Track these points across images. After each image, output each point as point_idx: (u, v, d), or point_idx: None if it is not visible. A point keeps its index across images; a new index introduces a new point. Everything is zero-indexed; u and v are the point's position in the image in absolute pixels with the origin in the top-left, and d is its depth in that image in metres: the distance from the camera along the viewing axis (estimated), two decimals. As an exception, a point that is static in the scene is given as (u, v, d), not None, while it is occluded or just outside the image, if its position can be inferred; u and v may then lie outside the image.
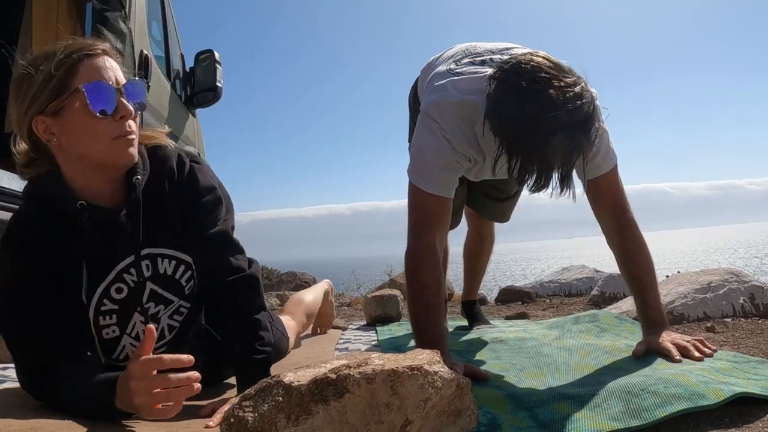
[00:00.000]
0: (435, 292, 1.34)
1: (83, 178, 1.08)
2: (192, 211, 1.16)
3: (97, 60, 1.05)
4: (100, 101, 1.02)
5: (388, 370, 0.71)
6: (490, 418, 1.01)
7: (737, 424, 0.95)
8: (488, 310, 3.17)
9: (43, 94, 1.02)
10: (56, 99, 1.01)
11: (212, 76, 3.12)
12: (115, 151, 1.05)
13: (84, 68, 1.03)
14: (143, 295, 1.15)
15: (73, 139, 1.04)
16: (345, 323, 2.72)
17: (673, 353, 1.31)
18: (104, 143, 1.04)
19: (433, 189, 1.37)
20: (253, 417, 0.70)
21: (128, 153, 1.06)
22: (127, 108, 1.05)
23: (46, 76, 1.01)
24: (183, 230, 1.16)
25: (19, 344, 1.08)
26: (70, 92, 1.01)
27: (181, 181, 1.16)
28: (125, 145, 1.05)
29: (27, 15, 2.39)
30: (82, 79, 1.02)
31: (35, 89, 1.02)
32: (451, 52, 1.57)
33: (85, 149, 1.04)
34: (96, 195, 1.09)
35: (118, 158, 1.06)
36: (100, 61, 1.05)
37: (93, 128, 1.03)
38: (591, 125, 1.13)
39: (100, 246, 1.10)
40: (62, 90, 1.01)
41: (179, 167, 1.17)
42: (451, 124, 1.35)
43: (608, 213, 1.46)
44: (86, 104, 1.01)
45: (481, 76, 1.34)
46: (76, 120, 1.02)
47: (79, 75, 1.02)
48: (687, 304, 2.12)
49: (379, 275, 6.36)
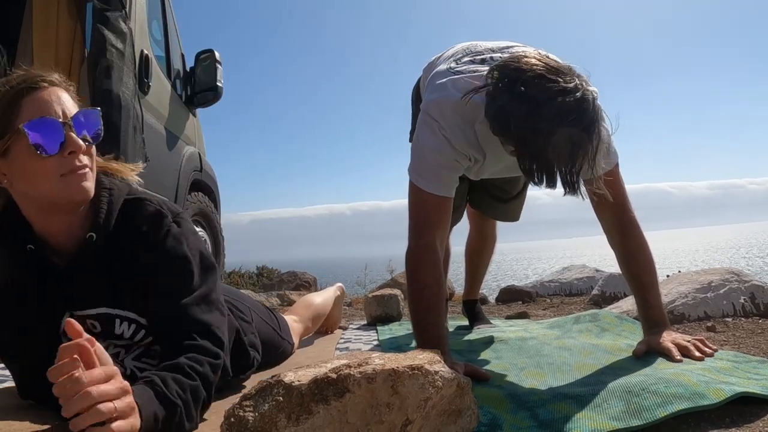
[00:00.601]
0: (435, 292, 1.34)
1: (38, 217, 1.02)
2: (162, 279, 1.04)
3: (41, 93, 0.97)
4: (43, 140, 0.95)
5: (389, 369, 0.71)
6: (490, 417, 1.01)
7: (738, 423, 0.95)
8: (489, 309, 3.17)
9: None
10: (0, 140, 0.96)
11: (213, 76, 3.12)
12: (65, 188, 0.98)
13: (27, 104, 0.96)
14: None
15: (21, 179, 0.98)
16: (345, 323, 2.72)
17: (674, 353, 1.31)
18: (52, 181, 0.97)
19: (433, 188, 1.38)
20: (254, 416, 0.70)
21: (81, 188, 0.99)
22: (76, 143, 0.98)
23: None
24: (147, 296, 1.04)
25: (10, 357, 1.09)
26: (12, 133, 0.95)
27: (155, 243, 1.04)
28: (76, 180, 0.98)
29: (27, 15, 2.39)
30: (25, 116, 0.95)
31: None
32: (452, 51, 1.57)
33: (35, 189, 0.98)
34: (54, 232, 1.03)
35: (69, 195, 0.98)
36: (45, 94, 0.98)
37: (40, 168, 0.96)
38: (591, 123, 1.12)
39: (50, 291, 1.04)
40: (4, 131, 0.95)
41: (154, 227, 1.05)
42: (450, 123, 1.35)
43: (609, 212, 1.46)
44: (29, 144, 0.95)
45: (481, 75, 1.34)
46: (22, 160, 0.96)
47: (21, 112, 0.95)
48: (687, 304, 2.12)
49: (380, 275, 6.37)
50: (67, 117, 0.98)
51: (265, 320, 1.54)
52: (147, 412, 0.78)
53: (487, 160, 1.42)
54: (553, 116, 1.10)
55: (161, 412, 0.82)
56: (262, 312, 1.55)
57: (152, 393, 0.83)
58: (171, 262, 1.04)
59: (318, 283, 6.05)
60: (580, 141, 1.12)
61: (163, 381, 0.86)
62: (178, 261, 1.05)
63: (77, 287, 1.04)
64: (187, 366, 0.92)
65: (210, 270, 1.10)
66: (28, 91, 0.96)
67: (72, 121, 0.98)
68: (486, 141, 1.34)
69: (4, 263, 1.04)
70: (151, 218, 1.06)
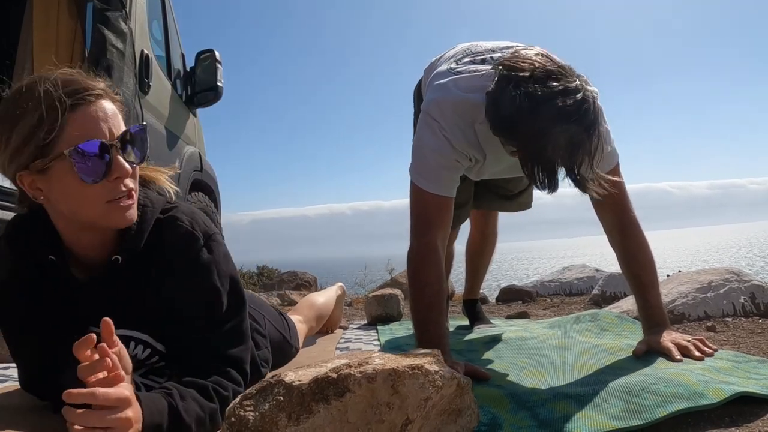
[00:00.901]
0: (436, 290, 1.35)
1: (71, 232, 0.97)
2: (188, 309, 0.99)
3: (88, 109, 0.89)
4: (89, 167, 0.88)
5: (389, 369, 0.71)
6: (490, 417, 1.01)
7: (737, 423, 0.95)
8: (489, 309, 3.17)
9: (25, 149, 0.88)
10: (40, 159, 0.88)
11: (213, 76, 3.12)
12: (109, 214, 0.92)
13: (72, 122, 0.87)
14: None
15: (61, 199, 0.92)
16: (346, 323, 2.72)
17: (674, 352, 1.32)
18: (97, 207, 0.91)
19: (433, 188, 1.38)
20: (254, 416, 0.70)
21: (124, 216, 0.93)
22: (124, 168, 0.91)
23: (27, 127, 0.86)
24: (170, 321, 1.00)
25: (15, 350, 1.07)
26: (54, 156, 0.87)
27: (183, 270, 0.99)
28: (121, 208, 0.93)
29: (27, 14, 2.39)
30: (70, 136, 0.87)
31: (16, 139, 0.87)
32: (453, 51, 1.58)
33: (76, 212, 0.92)
34: (83, 247, 0.99)
35: (112, 222, 0.94)
36: (92, 110, 0.89)
37: (84, 192, 0.89)
38: (591, 123, 1.13)
39: (65, 303, 1.00)
40: (46, 148, 0.87)
41: (184, 252, 0.99)
42: (450, 123, 1.35)
43: (610, 212, 1.46)
44: (74, 167, 0.87)
45: (481, 74, 1.35)
46: (65, 182, 0.89)
47: (66, 131, 0.87)
48: (688, 304, 2.12)
49: (380, 274, 6.38)
50: (114, 137, 0.91)
51: (277, 327, 1.53)
52: (150, 420, 0.80)
53: (487, 161, 1.42)
54: (553, 116, 1.10)
55: (166, 423, 0.83)
56: (275, 319, 1.55)
57: (166, 405, 0.84)
58: (199, 292, 1.00)
59: (318, 282, 6.06)
60: (580, 141, 1.12)
61: (182, 396, 0.87)
62: (206, 292, 1.00)
63: (97, 304, 0.99)
64: (212, 388, 0.92)
65: (240, 299, 1.06)
66: (73, 107, 0.87)
67: (119, 142, 0.91)
68: (486, 141, 1.35)
69: (23, 268, 0.99)
70: (182, 241, 1.00)
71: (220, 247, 1.05)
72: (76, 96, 0.88)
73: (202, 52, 3.18)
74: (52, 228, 0.98)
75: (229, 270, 1.05)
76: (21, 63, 2.32)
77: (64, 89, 0.87)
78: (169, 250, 0.99)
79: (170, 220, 1.01)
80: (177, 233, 1.00)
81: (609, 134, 1.41)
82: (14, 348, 1.07)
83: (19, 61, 2.34)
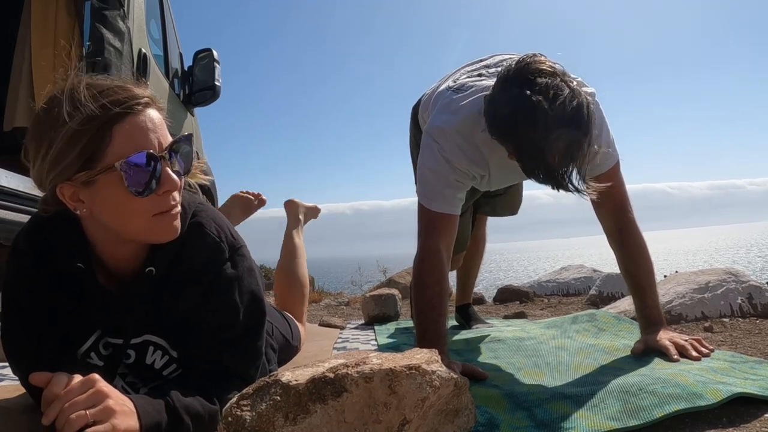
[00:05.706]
0: (437, 291, 1.37)
1: (107, 242, 0.93)
2: (204, 321, 0.96)
3: (137, 119, 0.83)
4: (140, 181, 0.84)
5: (386, 369, 0.71)
6: (488, 417, 1.01)
7: (735, 423, 0.95)
8: (486, 309, 3.17)
9: (67, 158, 0.81)
10: (85, 170, 0.82)
11: (211, 75, 3.12)
12: (155, 228, 0.89)
13: (120, 133, 0.82)
14: (116, 370, 0.99)
15: (106, 212, 0.87)
16: (343, 322, 2.72)
17: (671, 351, 1.33)
18: (143, 221, 0.87)
19: (437, 207, 1.42)
20: (251, 416, 0.70)
21: (170, 229, 0.90)
22: (173, 181, 0.87)
23: (70, 137, 0.80)
24: (186, 330, 0.97)
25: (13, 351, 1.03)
26: (102, 168, 0.82)
27: (206, 283, 0.96)
28: (168, 221, 0.89)
29: (26, 13, 2.38)
30: (119, 147, 0.82)
31: (58, 149, 0.81)
32: (450, 73, 1.64)
33: (120, 225, 0.88)
34: (118, 258, 0.95)
35: (159, 236, 0.90)
36: (140, 120, 0.84)
37: (131, 206, 0.85)
38: (588, 125, 1.13)
39: (88, 311, 0.96)
40: (92, 160, 0.82)
41: (209, 266, 0.96)
42: (451, 144, 1.40)
43: (609, 213, 1.48)
44: (123, 180, 0.83)
45: (478, 88, 1.40)
46: (111, 195, 0.85)
47: (114, 143, 0.81)
48: (685, 304, 2.12)
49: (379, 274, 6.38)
50: (162, 147, 0.86)
51: (283, 333, 1.53)
52: (148, 419, 0.80)
53: (492, 172, 1.46)
54: (550, 118, 1.11)
55: (165, 420, 0.83)
56: (281, 324, 1.54)
57: (162, 403, 0.84)
58: (218, 307, 0.97)
59: (317, 282, 6.06)
60: (577, 142, 1.13)
61: (182, 395, 0.87)
62: (224, 308, 0.97)
63: (125, 314, 0.96)
64: (214, 393, 0.92)
65: (258, 317, 1.03)
66: (121, 116, 0.82)
67: (167, 153, 0.87)
68: (490, 150, 1.38)
69: (41, 269, 0.94)
70: (208, 253, 0.96)
71: (245, 262, 1.01)
72: (123, 105, 0.82)
73: (199, 52, 3.18)
74: (81, 235, 0.93)
75: (251, 286, 1.01)
76: (19, 62, 2.32)
77: (110, 97, 0.82)
78: (193, 259, 0.96)
79: (197, 228, 0.97)
80: (203, 242, 0.96)
81: (609, 135, 1.42)
82: (12, 346, 1.06)
83: (17, 60, 2.34)
